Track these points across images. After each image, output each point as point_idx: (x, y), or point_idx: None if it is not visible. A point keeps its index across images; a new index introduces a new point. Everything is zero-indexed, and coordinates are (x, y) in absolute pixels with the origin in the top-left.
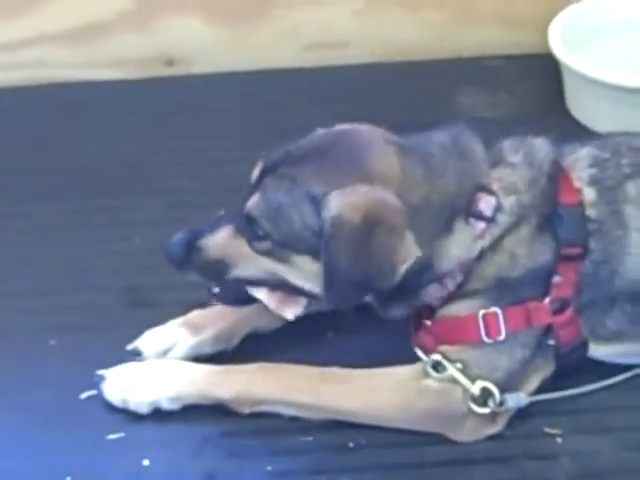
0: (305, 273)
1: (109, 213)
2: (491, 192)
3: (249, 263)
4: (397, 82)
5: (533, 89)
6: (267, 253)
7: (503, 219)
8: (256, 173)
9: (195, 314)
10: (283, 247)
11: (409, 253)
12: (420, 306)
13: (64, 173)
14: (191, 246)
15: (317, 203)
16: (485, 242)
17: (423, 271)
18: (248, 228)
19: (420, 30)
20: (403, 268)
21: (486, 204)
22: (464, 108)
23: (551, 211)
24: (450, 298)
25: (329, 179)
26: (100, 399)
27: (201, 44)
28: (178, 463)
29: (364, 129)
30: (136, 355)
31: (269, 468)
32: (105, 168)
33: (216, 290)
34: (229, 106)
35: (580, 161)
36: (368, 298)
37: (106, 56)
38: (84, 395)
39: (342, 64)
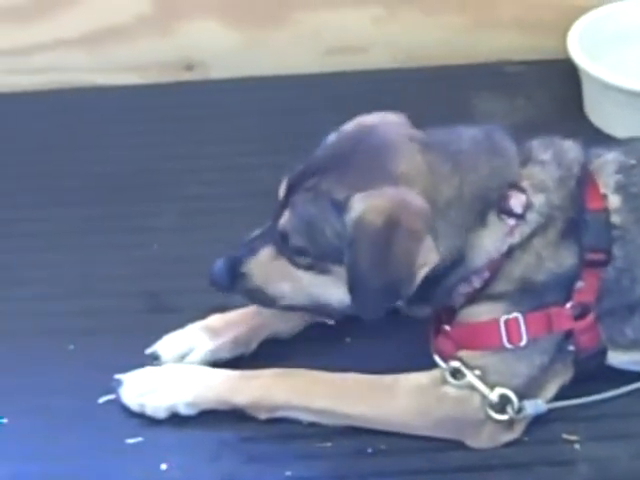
0: (344, 283)
1: (127, 219)
2: (521, 189)
3: (292, 283)
4: (416, 87)
5: (552, 95)
6: (308, 268)
7: (533, 217)
8: (282, 190)
9: (214, 318)
10: (321, 259)
11: (428, 259)
12: (442, 309)
13: (82, 178)
14: (235, 272)
15: (340, 208)
16: (515, 239)
17: (456, 264)
18: (285, 246)
19: (439, 35)
20: (422, 273)
21: (517, 201)
22: (482, 113)
23: (577, 215)
24: (473, 299)
25: (352, 183)
26: (118, 403)
27: (220, 49)
28: (196, 468)
29: (386, 126)
30: (154, 359)
31: (288, 473)
32: (123, 174)
33: None
34: (248, 111)
35: (607, 166)
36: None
37: (124, 61)
38: (102, 399)
39: (361, 69)
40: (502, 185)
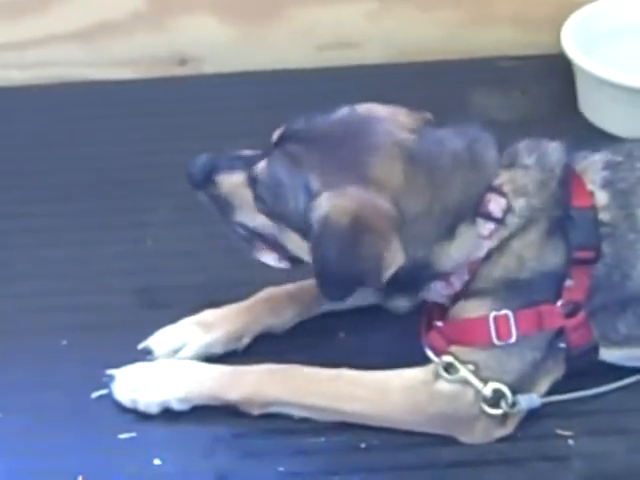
0: (296, 245)
1: (121, 214)
2: (502, 193)
3: (251, 214)
4: (411, 82)
5: (546, 90)
6: (266, 214)
7: (512, 221)
8: (276, 136)
9: (207, 313)
10: (278, 219)
11: (394, 260)
12: (429, 304)
13: (76, 173)
14: (208, 176)
15: (310, 198)
16: (493, 243)
17: (421, 270)
18: (254, 186)
19: (434, 30)
20: (388, 273)
21: (496, 205)
22: (477, 109)
23: (563, 214)
24: (459, 297)
25: (328, 175)
26: (111, 399)
27: (214, 44)
28: (189, 463)
29: (382, 126)
30: (147, 354)
31: (281, 469)
32: (117, 169)
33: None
34: (242, 106)
35: (593, 164)
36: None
37: (118, 55)
38: (95, 395)
39: (355, 64)
40: (478, 194)
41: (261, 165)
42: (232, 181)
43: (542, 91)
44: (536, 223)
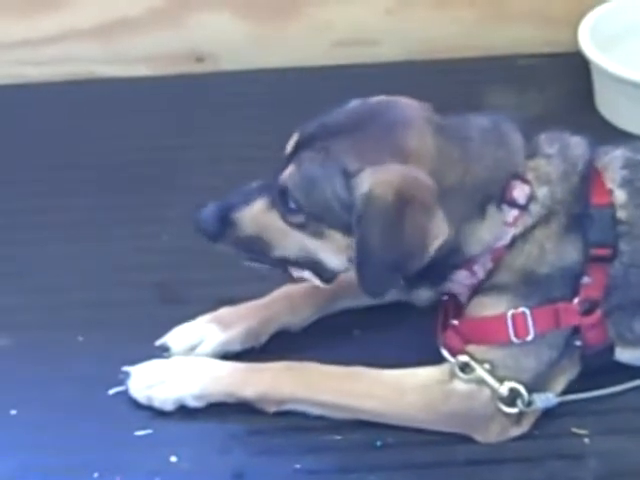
0: (337, 248)
1: (137, 210)
2: (526, 181)
3: (283, 238)
4: (427, 80)
5: (563, 88)
6: (300, 227)
7: (535, 209)
8: (291, 145)
9: (224, 311)
10: (315, 220)
11: (440, 231)
12: (445, 302)
13: (93, 169)
14: (225, 219)
15: (349, 178)
16: (517, 230)
17: (451, 253)
18: (282, 201)
19: (451, 28)
20: (434, 246)
21: (520, 192)
22: (493, 107)
23: (581, 210)
24: (478, 290)
25: (363, 155)
26: (128, 395)
27: (231, 41)
28: (206, 460)
29: (404, 104)
30: (164, 351)
31: (297, 466)
32: (134, 164)
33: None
34: (259, 103)
35: (613, 162)
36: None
37: (135, 52)
38: (112, 391)
39: (372, 62)
40: (505, 177)
41: (286, 173)
42: (253, 212)
43: (559, 89)
44: (557, 215)
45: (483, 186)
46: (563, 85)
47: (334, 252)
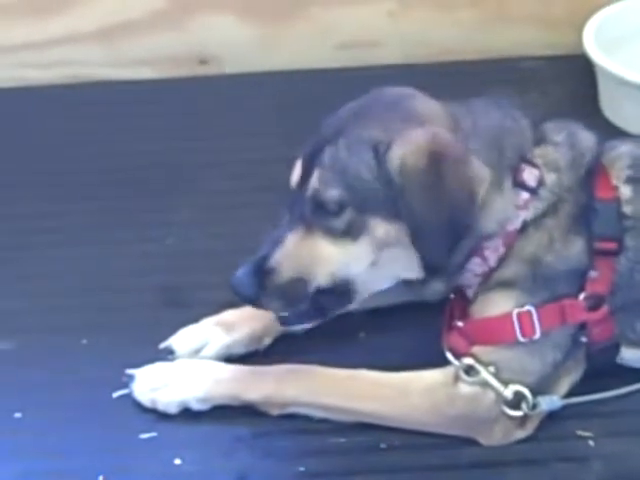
0: (376, 249)
1: (142, 213)
2: (535, 165)
3: (321, 263)
4: (431, 82)
5: (567, 90)
6: (344, 230)
7: (545, 194)
8: (298, 170)
9: (228, 313)
10: (359, 211)
11: (481, 175)
12: (454, 297)
13: (97, 173)
14: (260, 271)
15: (379, 153)
16: (529, 214)
17: (469, 228)
18: (319, 211)
19: (454, 30)
20: (481, 192)
21: (530, 175)
22: None
23: (587, 203)
24: (486, 283)
25: (383, 127)
26: (132, 398)
27: (234, 43)
28: (210, 463)
29: (399, 88)
30: (169, 353)
31: (302, 469)
32: (138, 168)
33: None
34: (262, 105)
35: (619, 159)
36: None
37: (138, 55)
38: (116, 394)
39: (376, 64)
40: (516, 150)
41: (312, 185)
42: (289, 248)
43: (562, 91)
44: (565, 204)
45: (497, 144)
46: (566, 87)
47: (370, 254)
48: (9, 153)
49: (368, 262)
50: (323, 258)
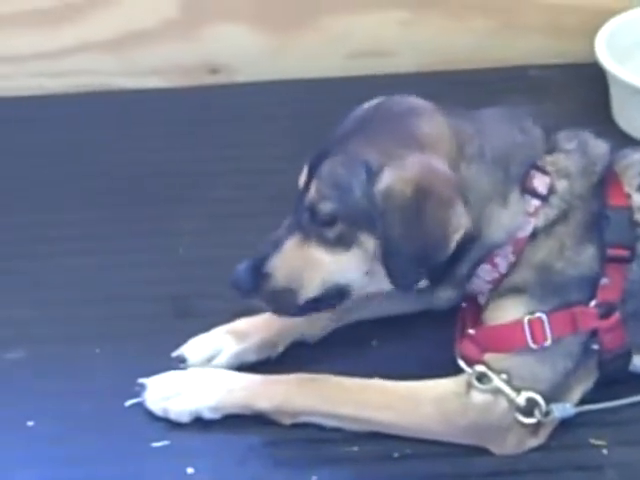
0: (366, 258)
1: (152, 223)
2: (545, 172)
3: (313, 271)
4: (442, 91)
5: (579, 99)
6: (337, 241)
7: (556, 202)
8: (304, 176)
9: (241, 322)
10: (350, 224)
11: (460, 223)
12: (466, 306)
13: (107, 181)
14: (259, 273)
15: (371, 175)
16: (539, 222)
17: (474, 242)
18: (314, 220)
19: (466, 39)
20: (455, 238)
21: (541, 182)
22: None
23: (599, 211)
24: (497, 290)
25: (381, 149)
26: (144, 407)
27: (246, 52)
28: (223, 472)
29: (407, 98)
30: (181, 362)
31: (314, 478)
32: (149, 177)
33: None
34: (273, 115)
35: (631, 167)
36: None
37: (150, 64)
38: (128, 403)
39: (387, 73)
40: (525, 162)
41: (310, 193)
42: (286, 255)
43: (574, 100)
44: (576, 211)
45: (504, 163)
46: (578, 96)
47: (363, 265)
48: (20, 161)
49: (362, 271)
50: (316, 265)
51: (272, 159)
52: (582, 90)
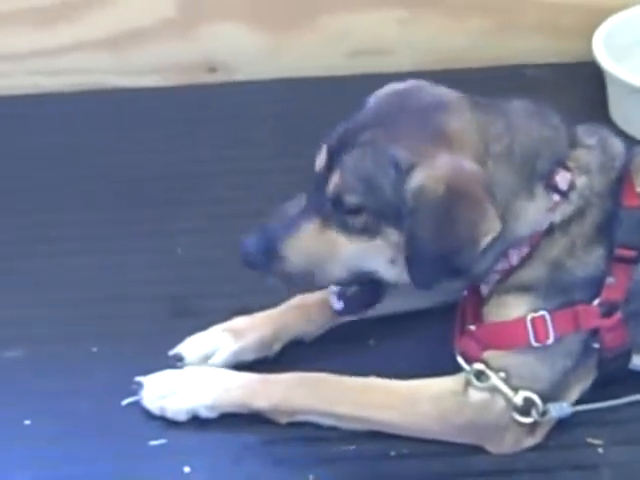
0: (389, 250)
1: (151, 223)
2: (567, 168)
3: (335, 259)
4: None
5: (576, 98)
6: (362, 231)
7: (574, 198)
8: (323, 156)
9: (237, 320)
10: (376, 216)
11: (491, 227)
12: (463, 305)
13: (105, 181)
14: (272, 252)
15: (401, 172)
16: (556, 217)
17: (499, 237)
18: (338, 208)
19: (464, 38)
20: (485, 241)
21: (562, 178)
22: None
23: (612, 210)
24: (503, 284)
25: (409, 144)
26: (141, 406)
27: (244, 51)
28: (219, 470)
29: (432, 87)
30: (178, 360)
31: (311, 477)
32: (146, 176)
33: (339, 306)
34: (272, 113)
35: None
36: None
37: (147, 63)
38: (125, 402)
39: (386, 72)
40: (552, 158)
41: (335, 181)
42: (303, 240)
43: (571, 99)
44: (592, 209)
45: (532, 159)
46: (576, 95)
47: (388, 253)
48: (18, 161)
49: (386, 259)
50: (337, 249)
51: (271, 158)
52: (579, 89)
